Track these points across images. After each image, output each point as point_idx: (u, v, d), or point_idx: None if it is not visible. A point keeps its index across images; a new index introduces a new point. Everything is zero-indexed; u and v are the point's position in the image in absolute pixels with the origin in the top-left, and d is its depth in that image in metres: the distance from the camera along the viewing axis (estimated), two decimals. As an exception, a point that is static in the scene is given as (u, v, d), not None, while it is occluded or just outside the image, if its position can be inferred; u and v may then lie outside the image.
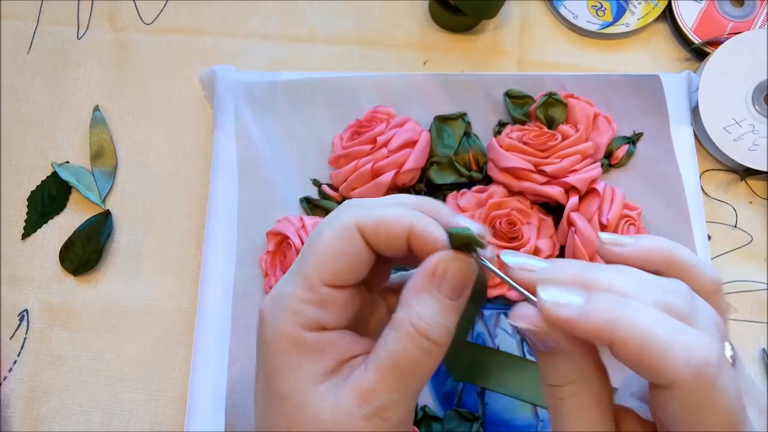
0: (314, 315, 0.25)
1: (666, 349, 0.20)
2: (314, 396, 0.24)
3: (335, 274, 0.25)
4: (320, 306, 0.25)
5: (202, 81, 0.50)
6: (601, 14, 0.54)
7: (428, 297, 0.25)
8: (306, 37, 0.54)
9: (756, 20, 0.53)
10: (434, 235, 0.25)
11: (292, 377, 0.25)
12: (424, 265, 0.25)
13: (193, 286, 0.47)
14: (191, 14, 0.55)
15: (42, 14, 0.54)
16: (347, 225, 0.25)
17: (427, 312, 0.24)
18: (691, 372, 0.20)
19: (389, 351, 0.24)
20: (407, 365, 0.24)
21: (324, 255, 0.25)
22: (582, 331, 0.21)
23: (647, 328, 0.21)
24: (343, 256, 0.25)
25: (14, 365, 0.45)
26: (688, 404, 0.21)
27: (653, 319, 0.21)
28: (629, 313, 0.21)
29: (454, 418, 0.41)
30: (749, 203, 0.50)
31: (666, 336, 0.21)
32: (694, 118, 0.50)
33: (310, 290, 0.25)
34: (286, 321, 0.25)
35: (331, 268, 0.25)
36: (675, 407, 0.21)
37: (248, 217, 0.45)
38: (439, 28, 0.54)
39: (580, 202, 0.45)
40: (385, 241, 0.25)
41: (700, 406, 0.21)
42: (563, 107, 0.47)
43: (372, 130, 0.46)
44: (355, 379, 0.24)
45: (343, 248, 0.25)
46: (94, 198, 0.49)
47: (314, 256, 0.25)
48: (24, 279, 0.47)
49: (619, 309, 0.21)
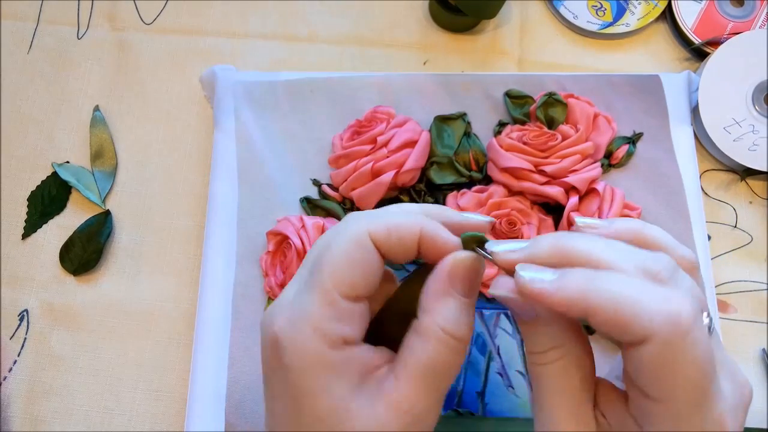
0: (337, 331, 0.24)
1: (637, 305, 0.21)
2: (350, 414, 0.24)
3: (353, 285, 0.25)
4: (341, 321, 0.25)
5: (202, 81, 0.50)
6: (601, 14, 0.54)
7: (449, 299, 0.25)
8: (306, 37, 0.54)
9: (756, 20, 0.53)
10: (444, 237, 0.26)
11: (325, 398, 0.24)
12: (439, 269, 0.25)
13: (193, 286, 0.47)
14: (191, 14, 0.55)
15: (42, 14, 0.54)
16: (359, 233, 0.25)
17: (452, 314, 0.25)
18: (665, 321, 0.21)
19: (420, 359, 0.25)
20: (439, 369, 0.25)
21: (340, 266, 0.25)
22: (556, 304, 0.22)
23: (618, 290, 0.22)
24: (359, 265, 0.25)
25: (14, 365, 0.45)
26: (661, 358, 0.21)
27: (624, 283, 0.22)
28: (599, 282, 0.22)
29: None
30: (749, 203, 0.50)
31: (637, 294, 0.21)
32: (694, 118, 0.50)
33: (331, 305, 0.24)
34: (310, 341, 0.24)
35: (349, 279, 0.25)
36: (649, 363, 0.21)
37: (248, 217, 0.46)
38: (439, 28, 0.54)
39: (580, 202, 0.45)
40: (397, 246, 0.25)
41: (674, 360, 0.21)
42: (563, 107, 0.47)
43: (372, 130, 0.46)
44: (389, 391, 0.25)
45: (359, 257, 0.25)
46: (94, 198, 0.49)
47: (329, 268, 0.25)
48: (24, 279, 0.47)
49: (590, 280, 0.22)
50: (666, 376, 0.22)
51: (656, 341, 0.21)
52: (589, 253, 0.23)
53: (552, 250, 0.24)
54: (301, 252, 0.43)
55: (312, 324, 0.24)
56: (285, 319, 0.25)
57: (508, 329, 0.44)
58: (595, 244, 0.24)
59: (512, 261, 0.25)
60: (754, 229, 0.49)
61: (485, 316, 0.44)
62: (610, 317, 0.21)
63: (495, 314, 0.44)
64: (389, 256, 0.26)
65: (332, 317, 0.24)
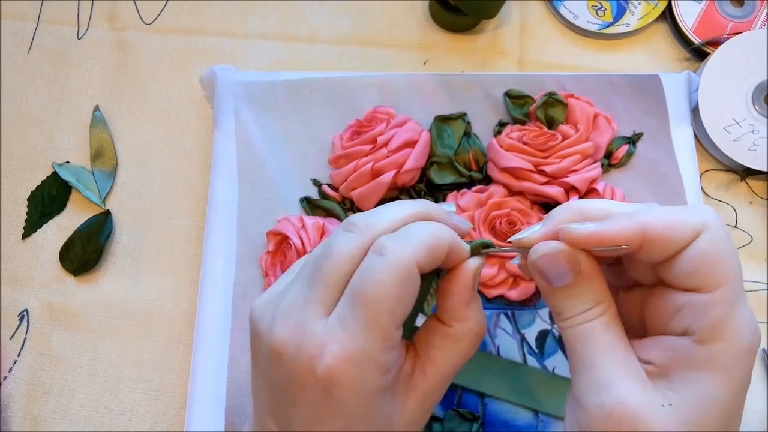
0: (391, 360, 0.26)
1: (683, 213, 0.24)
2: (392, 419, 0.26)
3: (403, 315, 0.26)
4: (394, 349, 0.26)
5: (202, 81, 0.50)
6: (601, 14, 0.54)
7: (475, 305, 0.28)
8: (306, 37, 0.54)
9: (756, 20, 0.53)
10: (463, 246, 0.28)
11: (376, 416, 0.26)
12: (464, 279, 0.27)
13: (193, 286, 0.47)
14: (191, 14, 0.55)
15: (42, 14, 0.54)
16: (408, 264, 0.25)
17: (480, 317, 0.28)
18: (712, 214, 0.24)
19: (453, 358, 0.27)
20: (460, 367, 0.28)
21: (394, 301, 0.25)
22: (616, 236, 0.24)
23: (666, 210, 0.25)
24: (410, 297, 0.25)
25: (14, 365, 0.45)
26: (716, 243, 0.24)
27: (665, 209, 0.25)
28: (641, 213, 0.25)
29: (454, 418, 0.41)
30: (749, 203, 0.50)
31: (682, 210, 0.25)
32: (694, 118, 0.50)
33: (387, 340, 0.25)
34: (374, 376, 0.25)
35: (400, 311, 0.25)
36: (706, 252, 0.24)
37: (248, 217, 0.45)
38: (439, 28, 0.54)
39: (580, 202, 0.45)
40: (434, 263, 0.26)
41: (725, 244, 0.24)
42: (563, 107, 0.47)
43: (372, 130, 0.46)
44: (419, 387, 0.27)
45: (409, 289, 0.25)
46: (94, 198, 0.49)
47: (386, 306, 0.25)
48: (24, 279, 0.47)
49: (633, 214, 0.25)
50: (722, 259, 0.24)
51: (713, 226, 0.24)
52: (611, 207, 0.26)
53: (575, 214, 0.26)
54: (301, 252, 0.43)
55: (373, 361, 0.25)
56: (338, 357, 0.24)
57: (508, 329, 0.44)
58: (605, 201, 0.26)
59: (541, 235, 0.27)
60: (754, 229, 0.49)
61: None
62: (668, 228, 0.24)
63: (495, 314, 0.44)
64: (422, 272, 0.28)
65: (388, 349, 0.25)
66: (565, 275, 0.26)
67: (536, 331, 0.43)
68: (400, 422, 0.26)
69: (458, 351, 0.27)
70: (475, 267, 0.28)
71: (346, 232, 0.27)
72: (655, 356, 0.25)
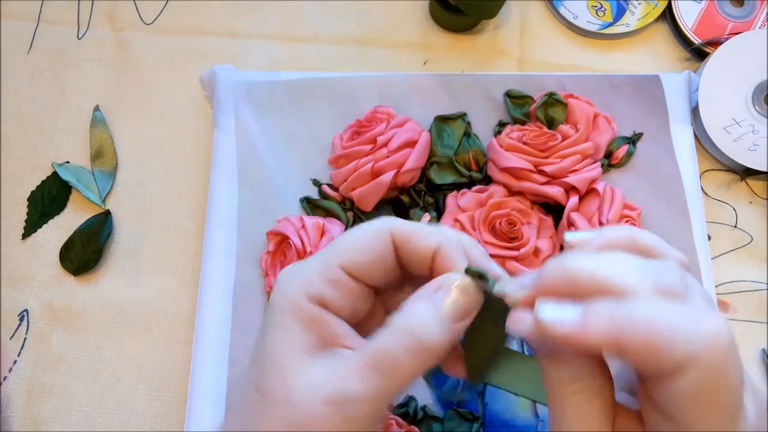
0: (320, 290, 0.26)
1: (674, 332, 0.20)
2: (291, 362, 0.25)
3: (355, 262, 0.26)
4: (328, 284, 0.26)
5: (202, 81, 0.50)
6: (601, 14, 0.54)
7: (428, 305, 0.25)
8: (306, 37, 0.54)
9: (756, 20, 0.53)
10: (457, 261, 0.26)
11: (279, 337, 0.26)
12: (434, 280, 0.26)
13: (193, 286, 0.47)
14: (191, 14, 0.55)
15: (42, 14, 0.54)
16: (381, 226, 0.27)
17: (424, 316, 0.25)
18: (708, 344, 0.20)
19: (377, 346, 0.25)
20: (393, 365, 0.24)
21: (350, 244, 0.27)
22: (584, 345, 0.22)
23: (648, 319, 0.21)
24: (369, 250, 0.26)
25: (14, 365, 0.45)
26: (702, 384, 0.20)
27: (652, 309, 0.21)
28: (627, 312, 0.21)
29: (454, 418, 0.41)
30: (749, 203, 0.50)
31: (669, 319, 0.20)
32: (694, 118, 0.50)
33: (325, 266, 0.26)
34: (295, 288, 0.26)
35: (353, 257, 0.26)
36: (688, 390, 0.20)
37: (248, 217, 0.45)
38: (439, 28, 0.54)
39: (580, 202, 0.45)
40: (413, 252, 0.27)
41: (714, 385, 0.20)
42: (563, 107, 0.47)
43: (372, 130, 0.46)
44: (334, 363, 0.25)
45: (370, 245, 0.27)
46: (94, 198, 0.49)
47: (341, 244, 0.27)
48: (24, 279, 0.47)
49: (617, 312, 0.21)
50: (703, 403, 0.21)
51: (699, 366, 0.20)
52: (601, 276, 0.22)
53: (561, 280, 0.23)
54: (301, 252, 0.43)
55: (304, 276, 0.26)
56: (289, 266, 0.28)
57: (508, 329, 0.44)
58: (601, 262, 0.23)
59: (523, 297, 0.24)
60: (754, 229, 0.49)
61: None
62: (646, 349, 0.20)
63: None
64: (404, 261, 0.27)
65: (323, 279, 0.26)
66: (545, 349, 0.24)
67: (536, 331, 0.43)
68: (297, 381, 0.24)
69: (385, 341, 0.24)
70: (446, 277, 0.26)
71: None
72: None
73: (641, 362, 0.21)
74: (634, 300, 0.21)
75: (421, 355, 0.24)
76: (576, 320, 0.22)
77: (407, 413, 0.41)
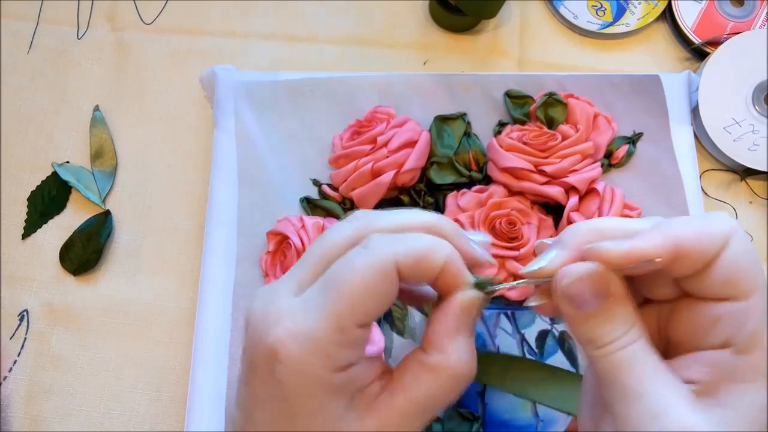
0: (345, 357, 0.24)
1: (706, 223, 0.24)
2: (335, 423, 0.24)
3: (369, 314, 0.24)
4: (350, 347, 0.24)
5: (202, 81, 0.50)
6: (601, 14, 0.54)
7: (462, 338, 0.25)
8: (306, 37, 0.54)
9: (756, 20, 0.53)
10: (465, 276, 0.26)
11: (320, 419, 0.24)
12: (453, 307, 0.25)
13: (193, 286, 0.47)
14: (191, 14, 0.55)
15: (42, 14, 0.54)
16: (386, 263, 0.24)
17: (465, 355, 0.25)
18: (732, 224, 0.24)
19: (426, 392, 0.25)
20: (439, 403, 0.25)
21: (360, 295, 0.24)
22: (651, 250, 0.23)
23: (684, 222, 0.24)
24: (381, 296, 0.24)
25: (14, 365, 0.45)
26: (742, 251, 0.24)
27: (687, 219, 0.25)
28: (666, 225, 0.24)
29: (454, 418, 0.41)
30: (749, 203, 0.50)
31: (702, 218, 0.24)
32: (694, 118, 0.50)
33: (343, 333, 0.24)
34: (315, 364, 0.24)
35: (367, 309, 0.24)
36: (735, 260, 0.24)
37: (248, 217, 0.45)
38: (439, 28, 0.54)
39: (580, 202, 0.45)
40: (420, 277, 0.25)
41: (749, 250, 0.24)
42: (563, 107, 0.47)
43: (372, 130, 0.46)
44: (383, 410, 0.25)
45: (381, 289, 0.24)
46: (94, 198, 0.49)
47: (349, 296, 0.24)
48: (24, 279, 0.47)
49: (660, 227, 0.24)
50: (754, 264, 0.24)
51: (739, 235, 0.24)
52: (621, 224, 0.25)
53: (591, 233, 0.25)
54: (301, 252, 0.43)
55: (320, 348, 0.24)
56: (287, 332, 0.24)
57: (508, 329, 0.44)
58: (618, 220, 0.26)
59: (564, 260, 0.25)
60: (754, 229, 0.49)
61: (485, 317, 0.44)
62: (699, 241, 0.23)
63: (495, 314, 0.44)
64: (407, 282, 0.25)
65: (342, 344, 0.24)
66: (598, 299, 0.24)
67: (536, 331, 0.43)
68: None
69: (432, 383, 0.25)
70: (465, 299, 0.25)
71: (345, 222, 0.26)
72: (696, 374, 0.24)
73: (698, 252, 0.23)
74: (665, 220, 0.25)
75: (466, 383, 0.25)
76: (630, 242, 0.24)
77: (407, 413, 0.41)
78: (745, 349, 0.23)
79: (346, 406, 0.25)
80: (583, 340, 0.25)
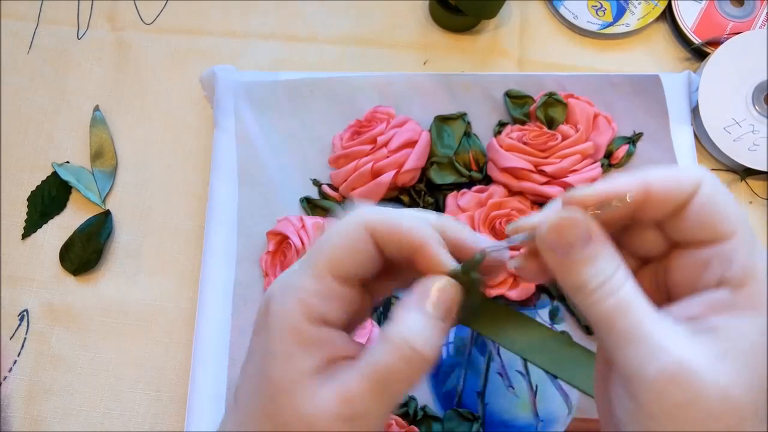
0: (319, 308, 0.26)
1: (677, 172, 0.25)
2: (301, 387, 0.25)
3: (344, 267, 0.26)
4: (326, 299, 0.26)
5: (202, 81, 0.50)
6: (601, 14, 0.54)
7: (418, 313, 0.26)
8: (306, 37, 0.54)
9: (756, 20, 0.53)
10: (442, 262, 0.26)
11: (287, 367, 0.25)
12: (418, 286, 0.26)
13: (193, 286, 0.47)
14: (191, 14, 0.55)
15: (42, 14, 0.54)
16: (355, 222, 0.26)
17: (417, 326, 0.25)
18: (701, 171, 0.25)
19: (377, 362, 0.25)
20: (393, 377, 0.25)
21: (335, 249, 0.26)
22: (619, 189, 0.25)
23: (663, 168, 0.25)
24: (354, 251, 0.26)
25: (14, 365, 0.45)
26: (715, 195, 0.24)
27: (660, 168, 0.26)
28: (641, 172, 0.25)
29: (454, 418, 0.41)
30: (749, 203, 0.50)
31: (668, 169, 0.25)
32: (694, 118, 0.50)
33: (319, 280, 0.26)
34: (292, 309, 0.26)
35: (341, 260, 0.26)
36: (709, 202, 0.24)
37: (248, 217, 0.45)
38: (439, 28, 0.54)
39: (580, 202, 0.45)
40: (395, 251, 0.26)
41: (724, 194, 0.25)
42: (563, 107, 0.47)
43: (372, 130, 0.46)
44: (341, 381, 0.25)
45: (355, 246, 0.26)
46: (94, 198, 0.49)
47: (328, 249, 0.26)
48: (24, 279, 0.47)
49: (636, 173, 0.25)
50: (729, 204, 0.25)
51: (709, 180, 0.25)
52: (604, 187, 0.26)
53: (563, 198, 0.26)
54: (301, 252, 0.43)
55: (298, 294, 0.26)
56: (278, 284, 0.27)
57: (508, 329, 0.44)
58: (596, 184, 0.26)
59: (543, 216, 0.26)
60: (754, 229, 0.49)
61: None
62: (665, 181, 0.25)
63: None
64: (389, 255, 0.27)
65: (318, 293, 0.26)
66: (581, 242, 0.25)
67: (536, 331, 0.43)
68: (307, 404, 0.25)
69: (385, 354, 0.25)
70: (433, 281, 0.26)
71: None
72: (695, 311, 0.24)
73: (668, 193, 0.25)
74: None
75: (421, 364, 0.25)
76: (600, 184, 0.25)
77: (407, 413, 0.41)
78: (738, 284, 0.24)
79: (316, 370, 0.25)
80: (574, 288, 0.25)
